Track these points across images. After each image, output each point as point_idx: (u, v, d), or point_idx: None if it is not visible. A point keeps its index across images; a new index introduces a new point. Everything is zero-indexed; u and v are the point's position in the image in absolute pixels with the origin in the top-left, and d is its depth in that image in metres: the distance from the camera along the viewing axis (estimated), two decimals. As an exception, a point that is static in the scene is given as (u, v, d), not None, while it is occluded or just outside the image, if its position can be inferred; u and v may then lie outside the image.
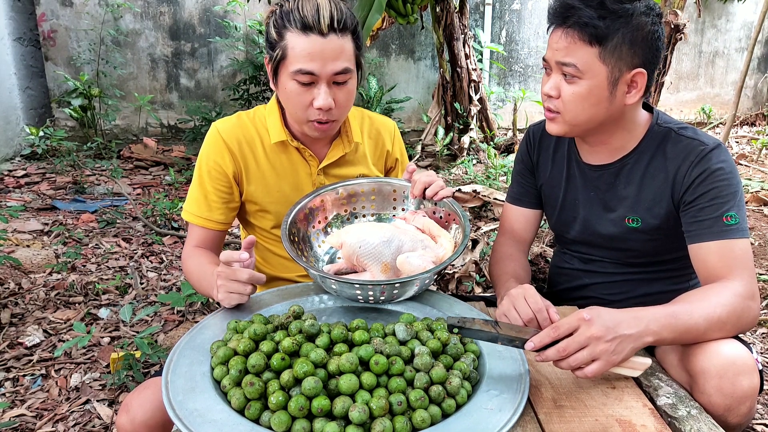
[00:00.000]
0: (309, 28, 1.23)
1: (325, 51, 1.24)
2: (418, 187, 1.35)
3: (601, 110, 1.27)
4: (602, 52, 1.20)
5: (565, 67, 1.23)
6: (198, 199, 1.43)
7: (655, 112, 1.37)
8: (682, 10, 3.18)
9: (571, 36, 1.21)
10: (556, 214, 1.52)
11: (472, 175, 4.79)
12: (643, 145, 1.35)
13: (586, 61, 1.21)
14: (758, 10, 6.36)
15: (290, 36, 1.25)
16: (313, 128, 1.34)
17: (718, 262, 1.19)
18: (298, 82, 1.28)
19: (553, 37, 1.25)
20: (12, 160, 5.05)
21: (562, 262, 1.58)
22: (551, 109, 1.29)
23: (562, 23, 1.23)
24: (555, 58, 1.25)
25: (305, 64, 1.24)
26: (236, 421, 0.90)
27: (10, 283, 2.73)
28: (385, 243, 1.27)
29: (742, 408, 1.05)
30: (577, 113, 1.26)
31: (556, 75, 1.26)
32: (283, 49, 1.27)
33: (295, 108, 1.32)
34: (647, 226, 1.35)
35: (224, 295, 1.19)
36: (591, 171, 1.42)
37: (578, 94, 1.24)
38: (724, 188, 1.22)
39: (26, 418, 1.91)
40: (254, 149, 1.44)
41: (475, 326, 1.04)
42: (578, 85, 1.23)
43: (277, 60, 1.29)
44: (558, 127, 1.31)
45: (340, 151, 1.48)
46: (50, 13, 5.53)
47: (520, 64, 6.50)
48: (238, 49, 5.71)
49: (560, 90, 1.26)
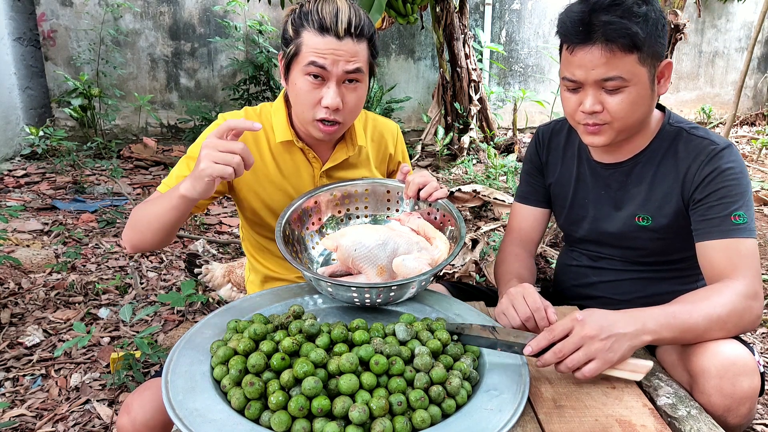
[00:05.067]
0: (326, 30, 1.25)
1: (339, 52, 1.26)
2: (412, 188, 1.35)
3: (647, 109, 1.28)
4: (641, 56, 1.20)
5: (609, 82, 1.21)
6: (179, 176, 1.35)
7: (666, 112, 1.37)
8: (682, 10, 3.19)
9: (609, 50, 1.18)
10: (565, 212, 1.52)
11: (472, 175, 4.79)
12: (655, 144, 1.35)
13: (629, 70, 1.20)
14: (758, 10, 6.37)
15: (306, 34, 1.27)
16: (318, 129, 1.34)
17: (723, 261, 1.19)
18: (309, 79, 1.28)
19: (581, 56, 1.21)
20: (12, 160, 5.05)
21: (569, 260, 1.58)
22: (597, 123, 1.26)
23: (586, 40, 1.19)
24: (592, 77, 1.21)
25: (317, 59, 1.26)
26: (236, 421, 0.90)
27: (10, 283, 2.73)
28: (381, 245, 1.26)
29: (741, 409, 1.05)
30: (628, 119, 1.25)
31: (594, 90, 1.23)
32: (298, 45, 1.28)
33: (302, 105, 1.32)
34: (657, 225, 1.35)
35: (207, 163, 1.07)
36: (602, 170, 1.42)
37: (628, 102, 1.23)
38: (734, 188, 1.22)
39: (26, 418, 1.91)
40: (259, 146, 1.44)
41: (473, 332, 1.06)
42: (626, 93, 1.22)
43: (290, 55, 1.30)
44: (605, 137, 1.28)
45: (344, 154, 1.48)
46: (50, 13, 5.53)
47: (520, 64, 6.50)
48: (238, 49, 5.71)
49: (604, 103, 1.24)
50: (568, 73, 1.25)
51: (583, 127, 1.29)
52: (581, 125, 1.30)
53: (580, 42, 1.20)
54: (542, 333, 1.03)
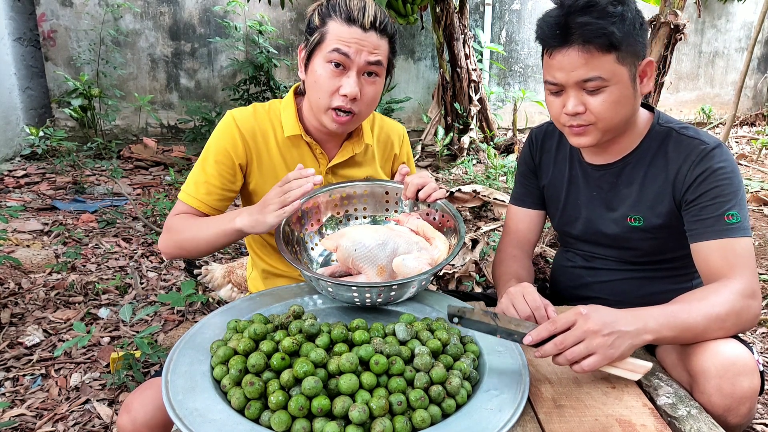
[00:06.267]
0: (352, 21, 1.29)
1: (363, 42, 1.30)
2: (411, 189, 1.36)
3: (630, 109, 1.28)
4: (619, 56, 1.21)
5: (589, 83, 1.22)
6: (198, 182, 1.42)
7: (655, 112, 1.38)
8: (682, 10, 3.19)
9: (587, 51, 1.19)
10: (558, 214, 1.53)
11: (472, 175, 4.80)
12: (645, 145, 1.35)
13: (609, 69, 1.21)
14: (758, 10, 6.37)
15: (333, 23, 1.31)
16: (332, 119, 1.35)
17: (719, 261, 1.20)
18: (330, 66, 1.31)
19: (560, 59, 1.22)
20: (12, 160, 5.05)
21: (565, 261, 1.59)
22: (581, 124, 1.27)
23: (564, 43, 1.21)
24: (573, 79, 1.22)
25: (342, 46, 1.29)
26: (236, 421, 0.90)
27: (10, 283, 2.74)
28: (381, 246, 1.27)
29: (741, 408, 1.06)
30: (611, 119, 1.26)
31: (576, 92, 1.24)
32: (323, 33, 1.32)
33: (320, 92, 1.34)
34: (649, 225, 1.35)
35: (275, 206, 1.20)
36: (593, 171, 1.43)
37: (609, 102, 1.23)
38: (726, 187, 1.23)
39: (26, 417, 1.91)
40: (267, 141, 1.45)
41: (474, 317, 1.06)
42: (607, 92, 1.23)
43: (314, 44, 1.33)
44: (590, 138, 1.29)
45: (351, 151, 1.49)
46: (50, 13, 5.53)
47: (520, 64, 6.50)
48: (238, 49, 5.72)
49: (586, 104, 1.25)
50: (549, 77, 1.27)
51: (569, 129, 1.30)
52: (566, 127, 1.31)
53: (558, 45, 1.22)
54: (544, 324, 1.03)
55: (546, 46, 1.26)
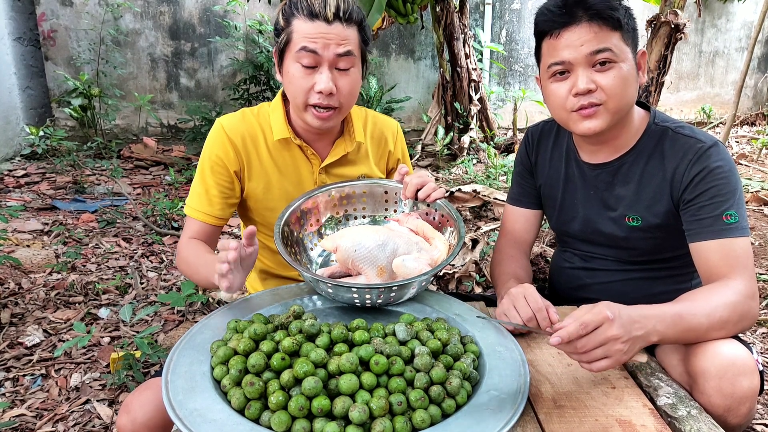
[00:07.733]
0: (315, 15, 1.28)
1: (329, 35, 1.28)
2: (410, 188, 1.35)
3: (634, 93, 1.28)
4: (623, 35, 1.24)
5: (600, 54, 1.22)
6: (199, 193, 1.43)
7: (652, 111, 1.37)
8: (682, 10, 3.18)
9: (596, 25, 1.22)
10: (555, 213, 1.52)
11: (472, 174, 4.79)
12: (641, 144, 1.35)
13: (617, 44, 1.23)
14: (758, 10, 6.36)
15: (297, 22, 1.30)
16: (314, 116, 1.35)
17: (718, 261, 1.20)
18: (301, 65, 1.30)
19: (568, 36, 1.23)
20: (12, 160, 5.05)
21: (563, 261, 1.58)
22: (593, 102, 1.25)
23: (571, 21, 1.23)
24: (582, 53, 1.22)
25: (308, 44, 1.28)
26: (236, 421, 0.90)
27: (10, 283, 2.73)
28: (380, 246, 1.26)
29: (741, 409, 1.05)
30: (621, 98, 1.25)
31: (585, 69, 1.24)
32: (289, 33, 1.31)
33: (296, 92, 1.34)
34: (647, 225, 1.35)
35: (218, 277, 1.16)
36: (590, 170, 1.42)
37: (620, 77, 1.23)
38: (723, 186, 1.22)
39: (26, 418, 1.91)
40: (257, 145, 1.44)
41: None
42: (616, 69, 1.23)
43: (282, 45, 1.33)
44: (599, 121, 1.27)
45: (342, 150, 1.48)
46: (50, 12, 5.53)
47: (520, 63, 6.50)
48: (238, 48, 5.71)
49: (596, 82, 1.24)
50: (555, 58, 1.26)
51: (577, 114, 1.28)
52: (574, 113, 1.28)
53: (565, 24, 1.24)
54: (573, 326, 0.97)
55: (550, 29, 1.26)
